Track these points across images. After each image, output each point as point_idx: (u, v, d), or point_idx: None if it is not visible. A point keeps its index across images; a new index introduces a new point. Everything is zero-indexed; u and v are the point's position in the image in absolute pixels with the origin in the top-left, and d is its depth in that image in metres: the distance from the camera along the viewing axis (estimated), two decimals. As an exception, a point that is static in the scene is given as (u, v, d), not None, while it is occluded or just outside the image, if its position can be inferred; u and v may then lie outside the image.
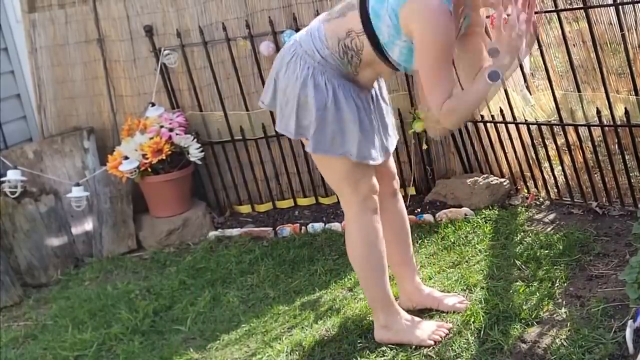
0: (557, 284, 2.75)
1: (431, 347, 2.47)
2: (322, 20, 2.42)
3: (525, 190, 3.69)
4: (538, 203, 3.57)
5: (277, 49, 3.83)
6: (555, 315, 2.55)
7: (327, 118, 2.34)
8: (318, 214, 3.99)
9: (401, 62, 2.33)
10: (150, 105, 3.98)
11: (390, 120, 2.58)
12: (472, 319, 2.59)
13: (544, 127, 3.49)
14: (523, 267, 2.92)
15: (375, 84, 2.51)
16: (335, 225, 3.70)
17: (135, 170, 3.77)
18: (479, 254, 3.12)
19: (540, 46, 3.24)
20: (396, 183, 2.70)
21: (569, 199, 3.51)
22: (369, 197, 2.45)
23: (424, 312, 2.69)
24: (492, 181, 3.61)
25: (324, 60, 2.35)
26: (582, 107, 3.23)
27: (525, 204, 3.56)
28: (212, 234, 3.90)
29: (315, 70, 2.35)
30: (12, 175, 3.72)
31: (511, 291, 2.74)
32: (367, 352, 2.51)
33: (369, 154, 2.40)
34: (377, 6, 2.26)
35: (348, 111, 2.36)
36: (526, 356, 2.35)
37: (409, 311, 2.63)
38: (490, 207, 3.55)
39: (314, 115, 2.34)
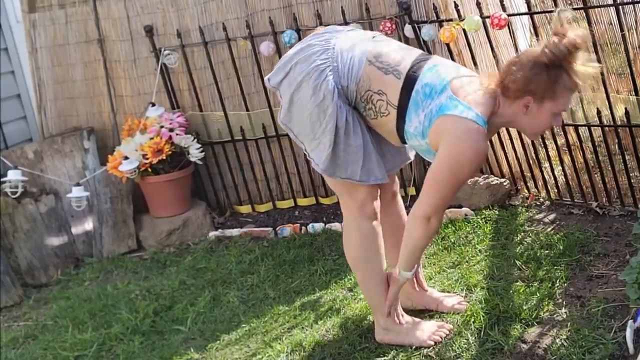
0: (557, 284, 2.75)
1: (431, 347, 2.47)
2: (366, 57, 2.32)
3: (526, 191, 3.69)
4: (538, 203, 3.57)
5: (278, 49, 3.83)
6: (555, 315, 2.55)
7: (339, 142, 2.33)
8: (318, 214, 3.99)
9: (415, 149, 2.38)
10: (151, 105, 3.98)
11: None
12: (472, 319, 2.59)
13: (544, 127, 3.48)
14: (523, 267, 2.92)
15: None
16: (336, 226, 3.70)
17: (135, 171, 3.76)
18: (479, 254, 3.12)
19: (540, 46, 3.24)
20: (396, 185, 2.70)
21: (569, 199, 3.51)
22: (368, 202, 2.45)
23: (424, 312, 2.69)
24: (492, 181, 3.60)
25: (344, 89, 2.32)
26: (583, 107, 3.23)
27: (526, 204, 3.56)
28: (212, 234, 3.90)
29: (335, 90, 2.30)
30: (13, 175, 3.72)
31: (511, 291, 2.74)
32: (367, 352, 2.51)
33: (372, 176, 2.40)
34: (421, 99, 2.24)
35: (355, 136, 2.35)
36: (526, 356, 2.35)
37: (408, 311, 2.63)
38: (491, 207, 3.55)
39: (329, 136, 2.32)
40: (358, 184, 2.39)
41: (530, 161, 3.60)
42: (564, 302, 2.62)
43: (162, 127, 3.86)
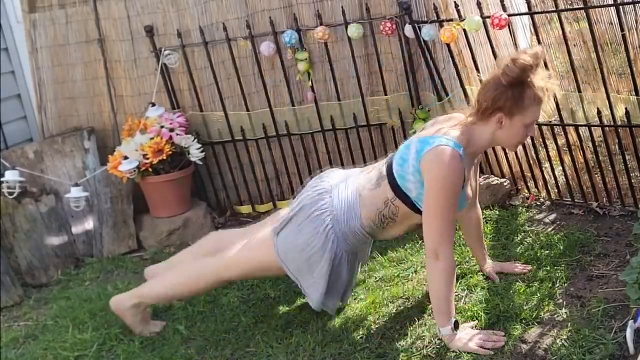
0: (557, 285, 2.75)
1: (432, 347, 2.47)
2: (357, 191, 2.60)
3: (526, 191, 3.69)
4: (539, 203, 3.57)
5: (278, 49, 3.83)
6: (556, 315, 2.55)
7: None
8: (319, 215, 3.98)
9: None
10: (151, 105, 3.98)
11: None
12: (473, 320, 2.59)
13: (544, 128, 3.48)
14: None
15: None
16: (336, 226, 3.69)
17: (134, 171, 3.76)
18: (480, 254, 3.12)
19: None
20: None
21: (570, 200, 3.51)
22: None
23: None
24: (492, 182, 3.60)
25: (348, 233, 2.58)
26: (583, 107, 3.23)
27: (526, 205, 3.56)
28: (213, 234, 3.90)
29: (335, 238, 2.58)
30: (11, 176, 3.71)
31: (512, 292, 2.74)
32: (368, 352, 2.51)
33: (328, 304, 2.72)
34: (401, 170, 2.49)
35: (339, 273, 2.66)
36: (527, 357, 2.35)
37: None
38: (491, 208, 3.55)
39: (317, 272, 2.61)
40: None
41: (531, 161, 3.60)
42: (565, 303, 2.62)
43: (162, 127, 3.86)
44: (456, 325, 2.44)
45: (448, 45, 3.45)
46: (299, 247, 2.59)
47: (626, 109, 3.08)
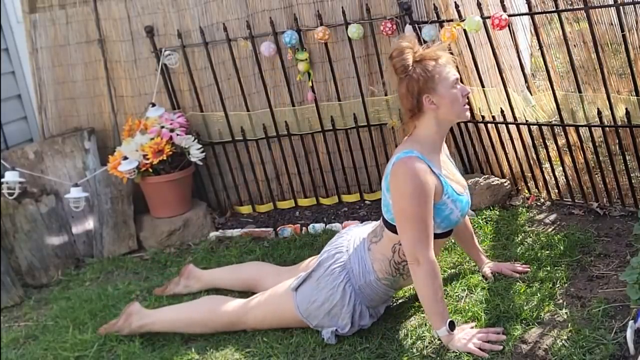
0: (558, 285, 2.75)
1: (431, 347, 2.47)
2: (366, 246, 2.62)
3: (526, 191, 3.69)
4: (539, 204, 3.57)
5: (278, 49, 3.83)
6: (556, 315, 2.55)
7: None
8: (319, 215, 3.99)
9: (444, 226, 2.53)
10: (151, 105, 3.98)
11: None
12: (473, 320, 2.59)
13: (544, 128, 3.48)
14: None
15: None
16: (336, 226, 3.70)
17: (134, 171, 3.76)
18: (480, 254, 3.12)
19: (541, 47, 3.24)
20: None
21: (570, 200, 3.51)
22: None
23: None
24: (493, 182, 3.61)
25: (365, 286, 2.58)
26: (583, 107, 3.23)
27: (526, 205, 3.56)
28: (213, 234, 3.90)
29: (353, 292, 2.58)
30: (10, 176, 3.71)
31: (512, 292, 2.74)
32: (368, 352, 2.51)
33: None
34: (386, 210, 2.52)
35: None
36: (527, 357, 2.35)
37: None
38: (491, 208, 3.55)
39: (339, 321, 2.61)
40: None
41: (531, 161, 3.60)
42: (565, 303, 2.62)
43: (162, 127, 3.86)
44: (451, 326, 2.43)
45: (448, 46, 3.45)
46: (318, 302, 2.60)
47: (626, 109, 3.08)
